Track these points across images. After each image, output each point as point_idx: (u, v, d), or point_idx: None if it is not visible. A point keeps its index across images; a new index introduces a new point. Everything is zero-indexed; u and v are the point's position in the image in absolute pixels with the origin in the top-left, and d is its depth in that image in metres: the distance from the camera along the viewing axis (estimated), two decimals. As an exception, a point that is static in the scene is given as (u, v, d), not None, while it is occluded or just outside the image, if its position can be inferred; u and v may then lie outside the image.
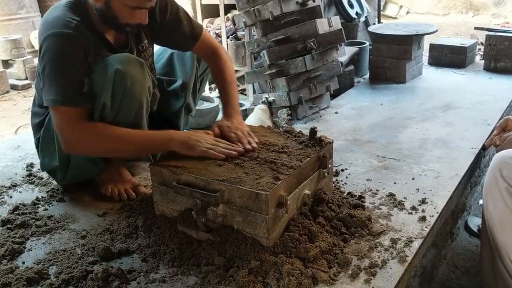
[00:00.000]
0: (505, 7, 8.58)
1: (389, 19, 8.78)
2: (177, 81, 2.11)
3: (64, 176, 1.90)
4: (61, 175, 1.91)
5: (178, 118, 2.17)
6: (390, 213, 1.68)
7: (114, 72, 1.62)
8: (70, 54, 1.60)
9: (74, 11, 1.67)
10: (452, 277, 2.02)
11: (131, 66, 1.66)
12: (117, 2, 1.64)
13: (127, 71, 1.64)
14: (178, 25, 1.91)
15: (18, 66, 5.76)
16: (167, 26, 1.89)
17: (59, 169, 1.88)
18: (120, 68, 1.62)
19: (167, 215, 1.61)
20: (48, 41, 1.60)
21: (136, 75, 1.68)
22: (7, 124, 4.43)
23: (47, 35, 1.61)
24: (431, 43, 3.71)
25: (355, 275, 1.36)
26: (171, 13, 1.89)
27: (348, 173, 2.00)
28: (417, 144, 2.28)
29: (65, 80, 1.61)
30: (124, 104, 1.69)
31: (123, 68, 1.63)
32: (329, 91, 2.85)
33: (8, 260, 1.51)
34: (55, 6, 1.71)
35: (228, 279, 1.35)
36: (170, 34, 1.92)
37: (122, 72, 1.63)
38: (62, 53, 1.60)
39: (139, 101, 1.73)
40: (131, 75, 1.66)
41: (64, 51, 1.60)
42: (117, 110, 1.69)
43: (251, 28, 2.97)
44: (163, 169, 1.56)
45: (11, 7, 6.62)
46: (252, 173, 1.48)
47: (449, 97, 2.93)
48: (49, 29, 1.61)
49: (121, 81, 1.64)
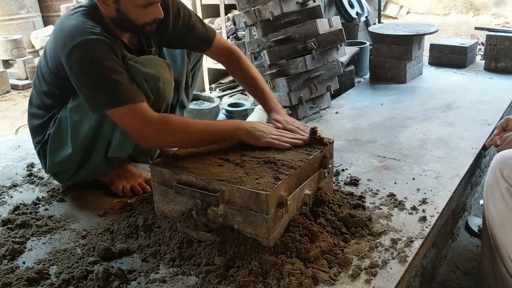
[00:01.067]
0: (506, 7, 8.57)
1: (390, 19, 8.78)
2: None
3: (71, 177, 1.89)
4: (68, 176, 1.89)
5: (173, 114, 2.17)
6: (390, 213, 1.68)
7: (147, 74, 1.63)
8: (109, 57, 1.56)
9: (91, 18, 1.64)
10: (453, 277, 2.02)
11: (161, 68, 1.69)
12: (127, 6, 1.63)
13: (159, 73, 1.67)
14: (191, 30, 1.91)
15: (19, 66, 5.76)
16: (179, 32, 1.89)
17: (69, 170, 1.87)
18: (152, 71, 1.64)
19: (167, 215, 1.61)
20: (78, 50, 1.55)
21: (166, 76, 1.71)
22: (8, 124, 4.43)
23: (75, 45, 1.55)
24: (432, 43, 3.71)
25: (356, 275, 1.36)
26: (183, 19, 1.88)
27: (348, 173, 2.00)
28: (418, 144, 2.28)
29: (117, 80, 1.56)
30: (155, 104, 1.69)
31: (155, 71, 1.65)
32: (329, 91, 2.85)
33: (8, 260, 1.51)
34: (69, 14, 1.67)
35: (229, 279, 1.35)
36: (184, 39, 1.92)
37: (154, 74, 1.65)
38: (99, 58, 1.55)
39: (168, 100, 1.77)
40: (163, 77, 1.69)
41: (103, 56, 1.55)
42: None
43: (252, 28, 2.97)
44: (163, 169, 1.56)
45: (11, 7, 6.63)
46: (253, 173, 1.48)
47: (450, 97, 2.93)
48: (73, 38, 1.56)
49: (154, 83, 1.66)
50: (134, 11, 1.64)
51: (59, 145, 1.81)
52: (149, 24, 1.70)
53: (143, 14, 1.66)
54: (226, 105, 2.95)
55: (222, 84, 4.17)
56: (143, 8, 1.65)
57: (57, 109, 1.81)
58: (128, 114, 1.59)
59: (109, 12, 1.65)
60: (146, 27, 1.71)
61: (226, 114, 2.92)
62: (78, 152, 1.78)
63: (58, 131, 1.80)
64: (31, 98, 1.91)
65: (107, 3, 1.63)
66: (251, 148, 1.66)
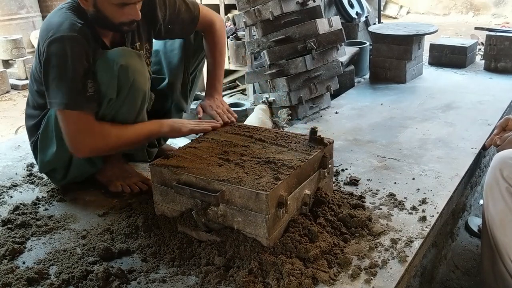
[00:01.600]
0: (506, 7, 8.57)
1: (390, 19, 8.78)
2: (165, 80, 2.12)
3: (63, 177, 1.91)
4: (60, 176, 1.91)
5: (169, 117, 2.17)
6: (390, 213, 1.68)
7: (118, 68, 1.63)
8: (74, 58, 1.59)
9: (77, 14, 1.67)
10: (453, 277, 2.02)
11: (132, 59, 1.68)
12: (103, 3, 1.64)
13: (129, 64, 1.66)
14: (178, 16, 1.93)
15: (19, 66, 5.76)
16: (168, 22, 1.91)
17: (59, 169, 1.88)
18: (123, 63, 1.64)
19: (167, 215, 1.61)
20: (52, 45, 1.59)
21: (139, 67, 1.70)
22: (8, 124, 4.43)
23: (51, 39, 1.59)
24: (432, 43, 3.71)
25: (356, 275, 1.36)
26: (169, 8, 1.89)
27: (348, 173, 2.00)
28: (418, 144, 2.28)
29: (70, 84, 1.60)
30: (130, 96, 1.71)
31: (125, 62, 1.64)
32: (329, 91, 2.85)
33: (8, 260, 1.51)
34: (57, 10, 1.71)
35: (228, 279, 1.35)
36: (173, 28, 1.94)
37: (125, 66, 1.64)
38: (66, 57, 1.58)
39: (143, 92, 1.76)
40: (134, 68, 1.68)
41: (68, 55, 1.59)
42: (123, 102, 1.71)
43: (251, 28, 2.97)
44: (163, 169, 1.56)
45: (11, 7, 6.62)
46: (253, 173, 1.48)
47: (450, 97, 2.93)
48: (53, 32, 1.60)
49: (126, 75, 1.66)
50: (110, 10, 1.65)
51: (47, 143, 1.83)
52: (127, 25, 1.70)
53: (120, 13, 1.66)
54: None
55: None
56: (119, 8, 1.64)
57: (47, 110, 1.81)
58: (67, 118, 1.64)
59: (87, 7, 1.67)
60: (123, 26, 1.70)
61: (226, 114, 2.92)
62: (63, 150, 1.78)
63: (46, 130, 1.82)
64: (28, 99, 1.93)
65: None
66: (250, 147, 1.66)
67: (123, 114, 1.73)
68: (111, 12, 1.65)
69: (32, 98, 1.87)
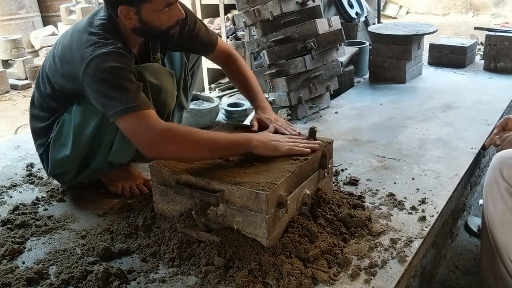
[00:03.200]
0: (505, 7, 8.57)
1: (389, 19, 8.78)
2: None
3: (73, 178, 1.89)
4: (69, 177, 1.89)
5: (172, 116, 2.17)
6: (390, 213, 1.68)
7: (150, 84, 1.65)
8: (125, 67, 1.55)
9: (109, 32, 1.62)
10: (452, 277, 2.02)
11: (164, 78, 1.71)
12: (148, 13, 1.60)
13: (162, 84, 1.68)
14: (197, 35, 1.92)
15: (18, 66, 5.76)
16: (185, 37, 1.88)
17: (70, 172, 1.86)
18: (155, 81, 1.66)
19: (167, 215, 1.61)
20: (95, 61, 1.53)
21: (170, 87, 1.73)
22: (7, 124, 4.43)
23: (93, 57, 1.53)
24: (431, 43, 3.71)
25: (355, 275, 1.36)
26: (190, 25, 1.89)
27: (348, 173, 2.00)
28: (417, 144, 2.28)
29: (129, 89, 1.53)
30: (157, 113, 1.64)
31: (158, 81, 1.67)
32: (329, 91, 2.85)
33: (8, 260, 1.51)
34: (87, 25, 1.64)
35: (228, 279, 1.35)
36: (189, 44, 1.93)
37: (157, 85, 1.66)
38: (115, 67, 1.53)
39: (169, 110, 1.78)
40: (167, 88, 1.71)
41: (117, 65, 1.53)
42: None
43: (251, 28, 2.97)
44: (163, 169, 1.56)
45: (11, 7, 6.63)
46: (252, 173, 1.47)
47: (449, 97, 2.93)
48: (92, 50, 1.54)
49: (157, 93, 1.67)
50: (157, 17, 1.63)
51: (60, 147, 1.80)
52: (173, 27, 1.69)
53: (166, 17, 1.64)
54: (226, 105, 2.94)
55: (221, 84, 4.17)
56: (164, 12, 1.62)
57: (60, 112, 1.80)
58: (134, 120, 1.52)
59: (132, 24, 1.63)
60: (170, 31, 1.69)
61: (226, 114, 2.92)
62: (78, 154, 1.77)
63: (59, 134, 1.79)
64: (33, 99, 1.89)
65: (129, 17, 1.61)
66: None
67: None
68: (158, 20, 1.63)
69: (41, 100, 1.83)
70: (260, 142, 1.57)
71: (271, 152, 1.57)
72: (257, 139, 1.57)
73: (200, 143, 1.55)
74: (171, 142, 1.52)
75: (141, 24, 1.63)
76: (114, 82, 1.52)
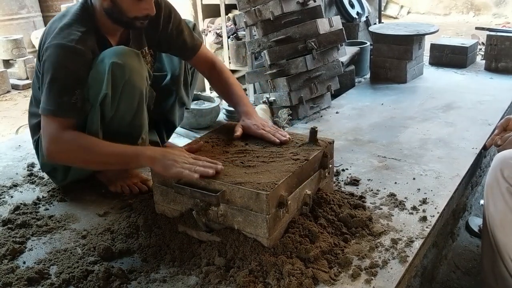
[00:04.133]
0: (506, 7, 8.57)
1: (390, 19, 8.77)
2: (167, 76, 2.12)
3: (64, 177, 1.91)
4: (61, 176, 1.91)
5: (173, 113, 2.19)
6: (391, 213, 1.68)
7: (112, 64, 1.63)
8: (67, 67, 1.63)
9: (81, 19, 1.69)
10: (453, 277, 2.02)
11: (127, 57, 1.68)
12: None
13: (124, 62, 1.65)
14: (180, 35, 1.93)
15: (19, 66, 5.76)
16: (169, 34, 1.91)
17: (60, 169, 1.88)
18: (117, 60, 1.64)
19: (167, 215, 1.61)
20: (50, 50, 1.63)
21: (134, 65, 1.69)
22: (8, 124, 4.42)
23: (50, 44, 1.63)
24: (432, 43, 3.71)
25: (356, 275, 1.36)
26: (174, 23, 1.90)
27: (349, 173, 2.00)
28: (418, 144, 2.28)
29: (56, 91, 1.62)
30: (125, 95, 1.70)
31: (120, 60, 1.65)
32: (330, 91, 2.85)
33: (9, 260, 1.51)
34: (64, 13, 1.74)
35: (229, 279, 1.35)
36: (172, 42, 1.94)
37: (119, 64, 1.64)
38: (59, 64, 1.62)
39: (140, 91, 1.73)
40: (129, 65, 1.67)
41: (62, 63, 1.62)
42: (119, 101, 1.71)
43: (252, 28, 2.97)
44: (163, 169, 1.56)
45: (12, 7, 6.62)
46: (253, 173, 1.47)
47: (450, 97, 2.93)
48: (54, 38, 1.64)
49: (121, 73, 1.65)
50: (127, 2, 1.67)
51: None
52: (140, 20, 1.72)
53: (136, 7, 1.68)
54: (226, 105, 2.95)
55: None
56: (136, 1, 1.67)
57: None
58: (46, 123, 1.64)
59: (105, 3, 1.68)
60: (136, 22, 1.72)
61: (227, 114, 2.92)
62: None
63: None
64: (31, 97, 1.94)
65: None
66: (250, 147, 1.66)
67: (120, 112, 1.73)
68: (127, 5, 1.67)
69: (35, 96, 1.88)
70: (150, 158, 1.52)
71: (160, 171, 1.51)
72: (150, 155, 1.53)
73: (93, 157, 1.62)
74: (65, 151, 1.64)
75: (112, 5, 1.68)
76: (55, 78, 1.62)
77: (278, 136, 1.69)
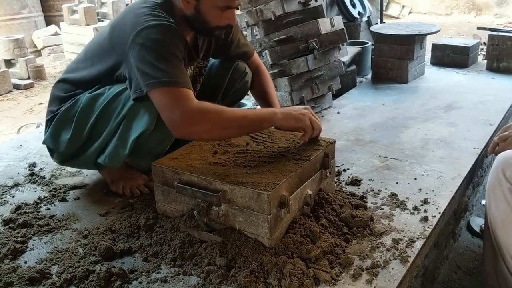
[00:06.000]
0: (508, 7, 8.56)
1: (392, 19, 8.77)
2: None
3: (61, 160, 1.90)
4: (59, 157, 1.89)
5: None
6: (392, 213, 1.68)
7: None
8: (173, 42, 1.58)
9: (165, 11, 1.65)
10: (454, 278, 2.01)
11: None
12: (206, 5, 1.64)
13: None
14: (237, 43, 1.98)
15: (21, 65, 5.77)
16: (228, 43, 1.94)
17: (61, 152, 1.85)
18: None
19: (169, 215, 1.61)
20: (147, 31, 1.56)
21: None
22: (9, 124, 4.43)
23: (145, 26, 1.56)
24: (434, 43, 3.71)
25: (357, 275, 1.36)
26: (233, 33, 1.94)
27: (350, 173, 2.00)
28: (419, 144, 2.28)
29: (174, 64, 1.56)
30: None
31: None
32: (331, 91, 2.85)
33: (10, 260, 1.51)
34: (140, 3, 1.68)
35: (230, 279, 1.35)
36: (228, 51, 1.97)
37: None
38: (165, 40, 1.56)
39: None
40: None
41: (168, 39, 1.57)
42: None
43: (253, 28, 2.97)
44: (165, 169, 1.56)
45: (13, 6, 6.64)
46: (254, 173, 1.47)
47: (452, 97, 2.92)
48: (145, 21, 1.58)
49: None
50: (212, 12, 1.65)
51: (64, 125, 1.81)
52: (220, 29, 1.72)
53: (219, 17, 1.67)
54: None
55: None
56: (221, 11, 1.65)
57: (80, 91, 1.81)
58: (172, 95, 1.53)
59: (186, 9, 1.66)
60: (216, 31, 1.72)
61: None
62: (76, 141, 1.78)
63: (69, 110, 1.79)
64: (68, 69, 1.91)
65: (188, 0, 1.64)
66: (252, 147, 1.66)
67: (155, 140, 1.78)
68: (212, 15, 1.66)
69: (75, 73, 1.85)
70: (284, 115, 1.61)
71: (293, 123, 1.61)
72: (282, 112, 1.62)
73: (229, 122, 1.57)
74: (201, 122, 1.53)
75: (195, 13, 1.66)
76: (162, 54, 1.55)
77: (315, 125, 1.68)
